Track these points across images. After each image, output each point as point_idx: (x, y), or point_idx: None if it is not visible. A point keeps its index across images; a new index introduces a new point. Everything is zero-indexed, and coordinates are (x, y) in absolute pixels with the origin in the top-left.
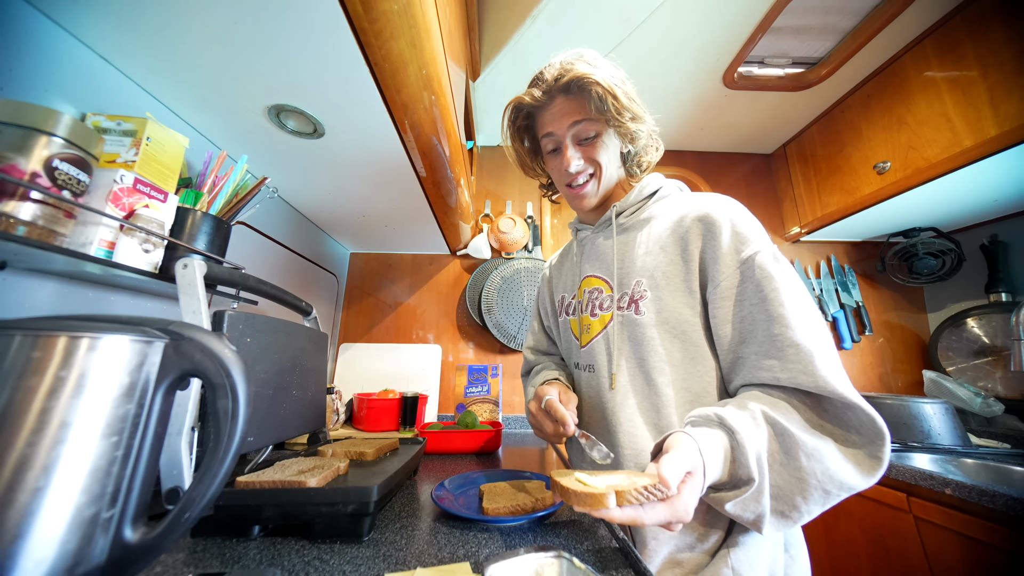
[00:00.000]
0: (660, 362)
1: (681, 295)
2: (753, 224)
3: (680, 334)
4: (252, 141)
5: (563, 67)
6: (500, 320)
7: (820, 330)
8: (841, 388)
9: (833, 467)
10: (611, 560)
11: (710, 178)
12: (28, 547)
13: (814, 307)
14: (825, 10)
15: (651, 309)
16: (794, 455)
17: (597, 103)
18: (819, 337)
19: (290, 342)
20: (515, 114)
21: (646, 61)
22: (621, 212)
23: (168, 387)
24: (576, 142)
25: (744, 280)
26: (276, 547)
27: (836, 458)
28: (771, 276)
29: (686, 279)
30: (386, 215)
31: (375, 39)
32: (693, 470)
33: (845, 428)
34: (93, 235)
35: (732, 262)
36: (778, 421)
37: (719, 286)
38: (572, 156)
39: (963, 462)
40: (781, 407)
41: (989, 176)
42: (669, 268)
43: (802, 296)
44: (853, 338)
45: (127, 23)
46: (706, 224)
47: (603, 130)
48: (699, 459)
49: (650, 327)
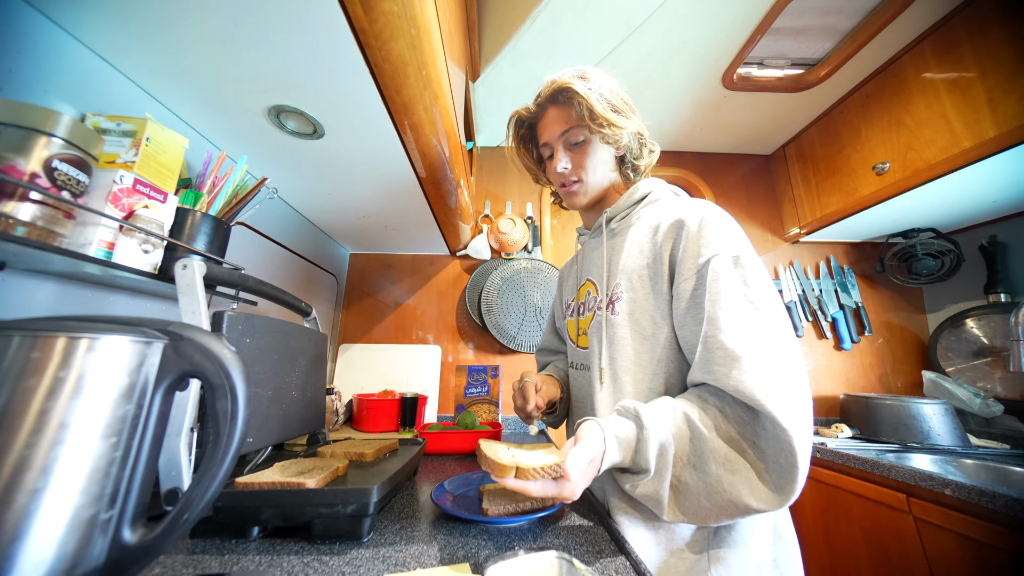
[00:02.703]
0: (627, 361)
1: (652, 298)
2: (722, 229)
3: (649, 335)
4: (252, 141)
5: (553, 81)
6: (500, 321)
7: (759, 337)
8: (763, 396)
9: (741, 481)
10: (611, 560)
11: (709, 179)
12: (26, 548)
13: (766, 315)
14: (824, 11)
15: (624, 310)
16: (706, 459)
17: (578, 110)
18: (754, 343)
19: (290, 343)
20: (517, 127)
21: (646, 62)
22: (612, 217)
23: (167, 388)
24: (566, 147)
25: (698, 284)
26: (275, 548)
27: (748, 474)
28: (720, 279)
29: (657, 282)
30: (386, 216)
31: (375, 40)
32: (593, 459)
33: (777, 449)
34: (92, 236)
35: (692, 265)
36: (696, 426)
37: (678, 288)
38: (560, 159)
39: (963, 463)
40: (709, 414)
41: (988, 177)
42: (644, 271)
43: (751, 302)
44: (853, 339)
45: (127, 23)
46: (677, 228)
47: (590, 136)
48: (601, 448)
49: (622, 327)
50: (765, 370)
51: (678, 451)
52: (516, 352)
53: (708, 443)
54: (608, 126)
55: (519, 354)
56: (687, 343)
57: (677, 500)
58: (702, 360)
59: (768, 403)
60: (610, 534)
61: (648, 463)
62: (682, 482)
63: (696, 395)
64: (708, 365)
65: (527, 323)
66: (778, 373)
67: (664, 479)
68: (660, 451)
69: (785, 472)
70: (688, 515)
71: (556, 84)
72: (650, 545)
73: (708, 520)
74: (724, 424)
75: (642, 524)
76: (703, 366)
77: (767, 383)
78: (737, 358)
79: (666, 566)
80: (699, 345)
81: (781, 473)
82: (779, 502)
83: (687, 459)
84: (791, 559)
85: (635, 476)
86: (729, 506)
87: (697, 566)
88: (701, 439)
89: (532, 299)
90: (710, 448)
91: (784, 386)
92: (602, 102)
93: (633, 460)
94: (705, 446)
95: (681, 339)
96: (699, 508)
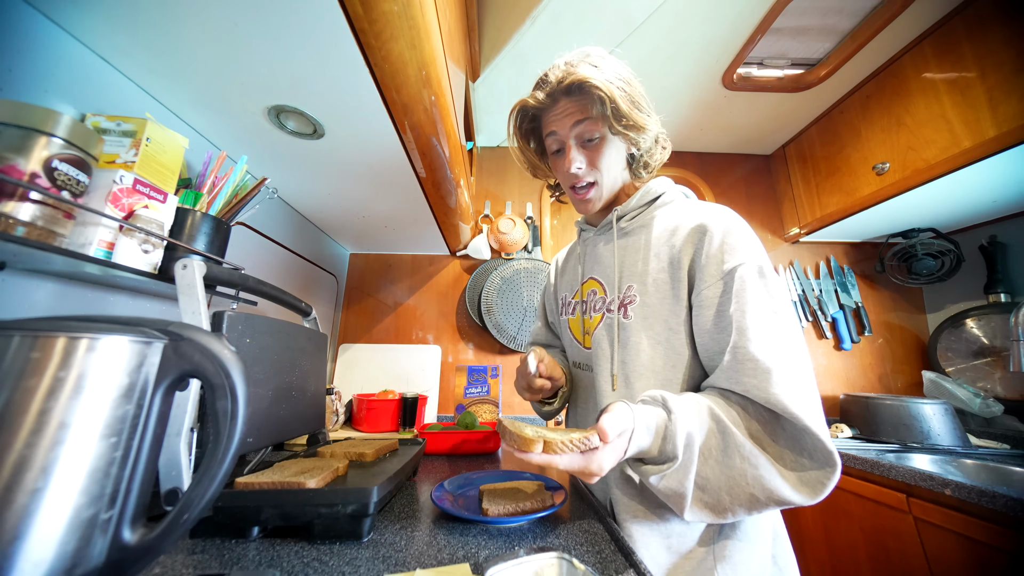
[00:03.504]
0: (640, 366)
1: (668, 302)
2: (745, 237)
3: (664, 341)
4: (252, 141)
5: (567, 69)
6: (500, 321)
7: (786, 349)
8: (795, 409)
9: (767, 476)
10: (611, 561)
11: (709, 179)
12: (26, 548)
13: (789, 326)
14: (824, 11)
15: (638, 314)
16: (730, 454)
17: (599, 106)
18: (782, 355)
19: (289, 343)
20: (520, 117)
21: (646, 62)
22: (622, 216)
23: (167, 388)
24: (580, 143)
25: (724, 291)
26: (275, 548)
27: (772, 469)
28: (747, 289)
29: (675, 287)
30: (386, 216)
31: (375, 40)
32: (623, 432)
33: (797, 451)
34: (92, 236)
35: (716, 272)
36: (722, 420)
37: (700, 294)
38: (575, 157)
39: (963, 463)
40: (733, 410)
41: (988, 177)
42: (660, 275)
43: (775, 313)
44: (852, 339)
45: (127, 23)
46: (699, 233)
47: (607, 133)
48: (631, 424)
49: (636, 332)
50: (794, 384)
51: (704, 443)
52: (516, 352)
53: (733, 437)
54: (633, 128)
55: (519, 354)
56: (706, 350)
57: (699, 495)
58: (730, 369)
59: (803, 416)
60: (610, 534)
61: (676, 450)
62: (704, 477)
63: (719, 392)
64: (737, 376)
65: (527, 323)
66: (804, 385)
67: (690, 471)
68: (688, 440)
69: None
70: (707, 509)
71: (572, 76)
72: (654, 545)
73: (725, 515)
74: (747, 421)
75: (646, 523)
76: (730, 376)
77: (798, 397)
78: (768, 371)
79: (673, 566)
80: (726, 354)
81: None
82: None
83: (712, 452)
84: (787, 556)
85: (661, 466)
86: (751, 500)
87: (703, 565)
88: (726, 432)
89: (532, 299)
90: (735, 442)
91: (810, 399)
92: (626, 100)
93: (660, 448)
94: (730, 440)
95: (700, 346)
96: (719, 503)
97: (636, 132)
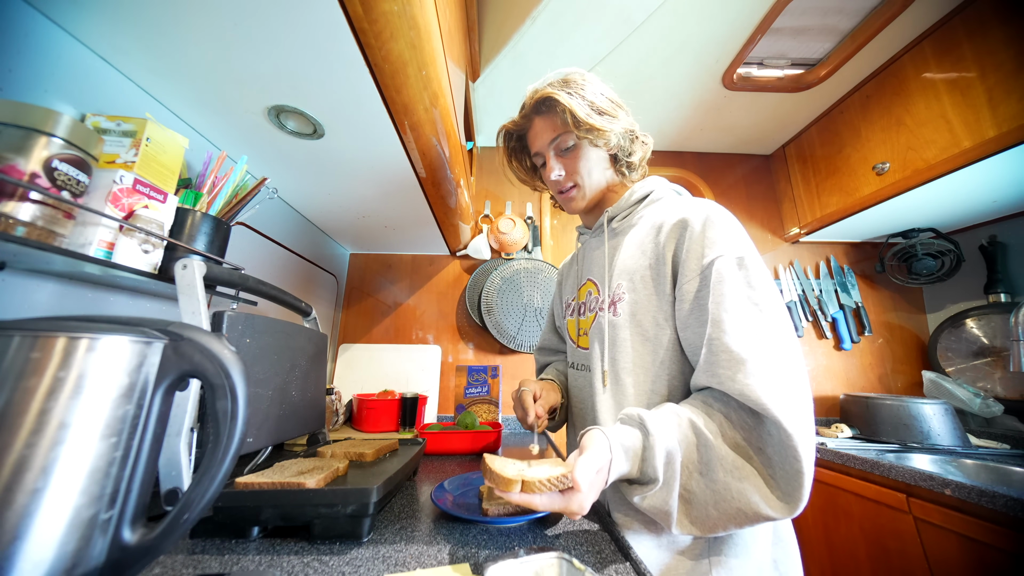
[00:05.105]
0: (629, 363)
1: (655, 298)
2: (727, 229)
3: (651, 337)
4: (252, 141)
5: (535, 90)
6: (500, 321)
7: (764, 339)
8: (767, 400)
9: (750, 489)
10: (611, 561)
11: (709, 179)
12: (26, 548)
13: (770, 317)
14: (824, 11)
15: (626, 311)
16: (713, 467)
17: (563, 117)
18: (759, 346)
19: (289, 343)
20: (507, 140)
21: (646, 62)
22: (613, 217)
23: (167, 388)
24: (558, 153)
25: (702, 285)
26: (275, 548)
27: (757, 482)
28: (724, 281)
29: (661, 283)
30: (386, 216)
31: (375, 40)
32: (600, 468)
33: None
34: (92, 236)
35: (696, 266)
36: (703, 432)
37: (681, 289)
38: (554, 167)
39: (963, 463)
40: (715, 421)
41: (988, 177)
42: (646, 272)
43: (755, 304)
44: (852, 339)
45: (127, 23)
46: (680, 228)
47: (579, 140)
48: (608, 456)
49: (623, 328)
50: (770, 374)
51: (685, 458)
52: (516, 352)
53: (715, 450)
54: (593, 131)
55: (519, 354)
56: (690, 345)
57: (685, 510)
58: (706, 363)
59: (773, 407)
60: (610, 535)
61: (656, 472)
62: (690, 491)
63: (701, 400)
64: (712, 368)
65: (527, 323)
66: (782, 377)
67: (673, 489)
68: (667, 459)
69: (792, 478)
70: (696, 525)
71: (538, 95)
72: (652, 547)
73: (716, 529)
74: (730, 430)
75: (643, 526)
76: (707, 369)
77: (772, 387)
78: (742, 361)
79: (668, 568)
80: (703, 348)
81: (788, 479)
82: (788, 510)
83: (694, 467)
84: (791, 560)
85: (643, 487)
86: (738, 514)
87: (698, 568)
88: (708, 446)
89: (532, 299)
90: (717, 455)
91: (788, 390)
92: (584, 108)
93: (641, 469)
94: (712, 453)
95: (684, 341)
96: (707, 517)
97: (596, 135)
